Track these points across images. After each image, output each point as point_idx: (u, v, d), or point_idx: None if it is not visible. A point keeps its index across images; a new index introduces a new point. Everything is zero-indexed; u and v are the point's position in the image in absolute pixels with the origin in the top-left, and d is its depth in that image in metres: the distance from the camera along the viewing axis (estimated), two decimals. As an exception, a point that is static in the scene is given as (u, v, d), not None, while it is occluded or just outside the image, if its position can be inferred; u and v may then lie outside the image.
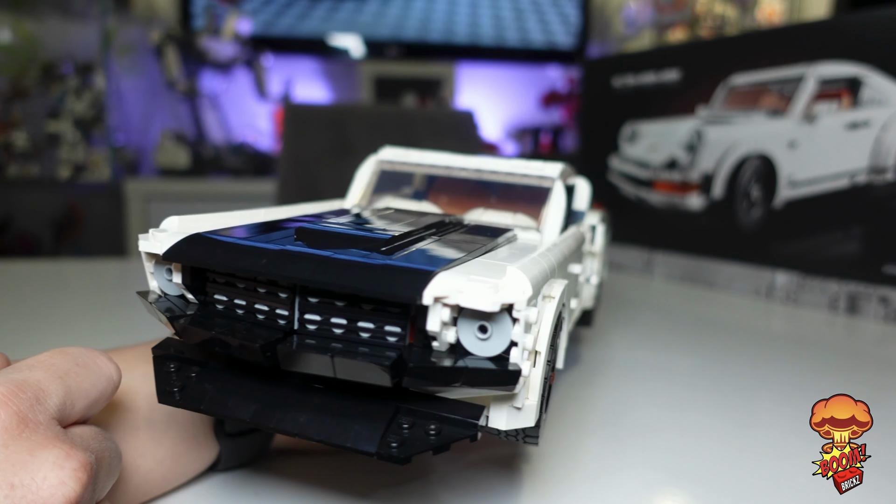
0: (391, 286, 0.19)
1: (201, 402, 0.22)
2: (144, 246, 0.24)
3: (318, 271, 0.20)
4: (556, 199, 0.33)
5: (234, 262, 0.21)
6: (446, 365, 0.19)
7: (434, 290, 0.19)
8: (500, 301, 0.19)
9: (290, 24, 2.08)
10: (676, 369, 0.46)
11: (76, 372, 0.21)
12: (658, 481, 0.30)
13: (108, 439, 0.21)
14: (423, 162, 0.36)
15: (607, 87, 0.84)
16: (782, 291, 0.66)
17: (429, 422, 0.20)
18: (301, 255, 0.21)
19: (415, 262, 0.21)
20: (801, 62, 0.64)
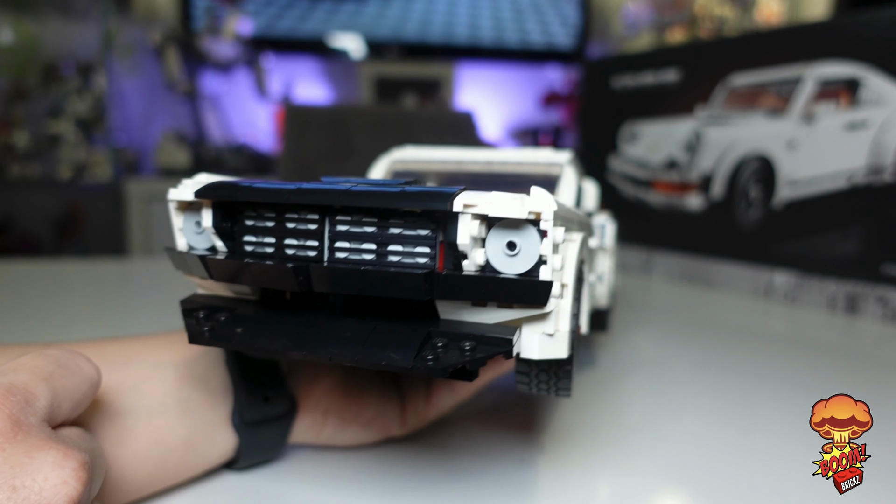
0: (421, 199, 0.20)
1: (231, 340, 0.22)
2: (174, 194, 0.24)
3: (346, 196, 0.20)
4: (566, 184, 0.33)
5: (264, 195, 0.21)
6: (477, 274, 0.20)
7: (463, 198, 0.19)
8: (528, 209, 0.19)
9: (291, 25, 2.08)
10: (675, 369, 0.46)
11: (59, 374, 0.21)
12: (657, 481, 0.30)
13: (93, 440, 0.22)
14: (434, 159, 0.35)
15: (607, 87, 0.84)
16: (781, 291, 0.66)
17: (463, 340, 0.20)
18: (329, 190, 0.21)
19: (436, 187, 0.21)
20: (800, 62, 0.64)
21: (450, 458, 0.31)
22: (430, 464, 0.31)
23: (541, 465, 0.31)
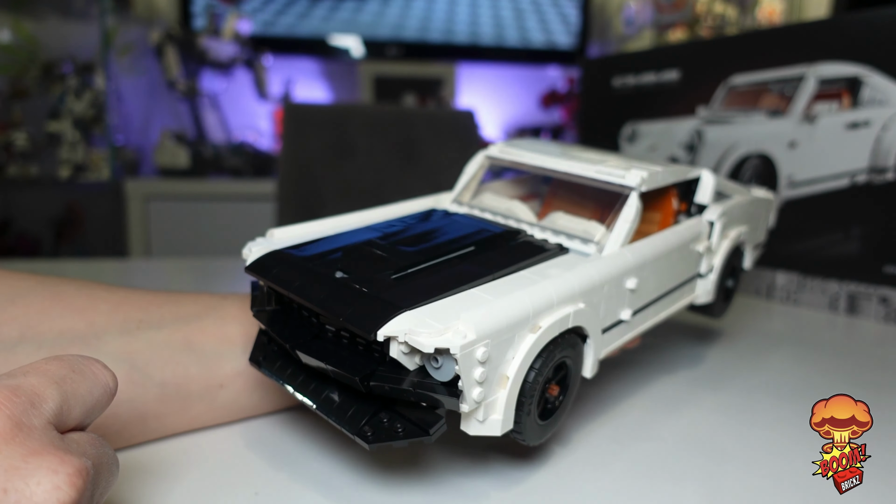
0: (358, 321, 0.24)
1: (271, 370, 0.30)
2: (245, 254, 0.31)
3: (321, 300, 0.26)
4: (626, 212, 0.33)
5: (278, 280, 0.28)
6: (400, 384, 0.24)
7: (386, 330, 0.24)
8: (434, 346, 0.23)
9: (291, 24, 2.08)
10: (675, 369, 0.46)
11: (72, 378, 0.21)
12: (657, 481, 0.30)
13: (104, 445, 0.22)
14: (522, 161, 0.38)
15: (607, 87, 0.84)
16: (782, 291, 0.66)
17: (398, 421, 0.26)
18: (323, 281, 0.27)
19: (397, 296, 0.26)
20: (801, 62, 0.64)
21: (451, 458, 0.31)
22: (431, 463, 0.31)
23: (541, 466, 0.31)
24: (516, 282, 0.28)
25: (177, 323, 0.33)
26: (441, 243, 0.31)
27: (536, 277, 0.28)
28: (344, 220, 0.35)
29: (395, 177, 1.19)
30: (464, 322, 0.24)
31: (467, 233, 0.33)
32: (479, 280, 0.28)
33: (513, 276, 0.29)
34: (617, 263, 0.31)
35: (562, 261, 0.31)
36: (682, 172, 0.39)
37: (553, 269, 0.30)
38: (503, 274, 0.29)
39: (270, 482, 0.29)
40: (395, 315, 0.24)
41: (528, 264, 0.30)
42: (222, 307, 0.35)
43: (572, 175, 0.35)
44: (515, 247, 0.32)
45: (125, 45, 1.89)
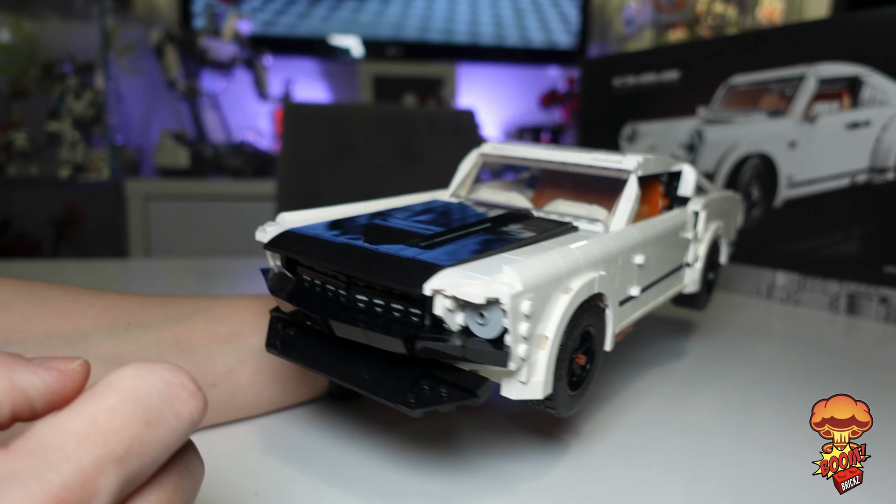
0: (401, 278, 0.24)
1: (292, 354, 0.29)
2: (259, 236, 0.30)
3: (357, 264, 0.26)
4: (627, 193, 0.35)
5: (304, 253, 0.28)
6: (447, 343, 0.24)
7: (433, 283, 0.23)
8: (484, 295, 0.23)
9: (291, 24, 2.08)
10: (675, 369, 0.46)
11: (144, 440, 0.16)
12: (657, 481, 0.30)
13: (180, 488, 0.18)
14: (515, 155, 0.39)
15: (607, 87, 0.84)
16: (783, 291, 0.66)
17: (441, 386, 0.25)
18: (351, 249, 0.27)
19: (436, 257, 0.25)
20: (801, 62, 0.64)
21: (460, 452, 0.31)
22: (434, 463, 0.31)
23: (540, 465, 0.31)
24: (541, 249, 0.29)
25: (166, 323, 0.33)
26: (457, 220, 0.32)
27: (558, 246, 0.29)
28: (351, 207, 0.35)
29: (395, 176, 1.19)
30: (508, 273, 0.23)
31: (479, 212, 0.34)
32: (505, 246, 0.28)
33: (534, 245, 0.29)
34: (627, 237, 0.33)
35: (576, 235, 0.32)
36: (668, 163, 0.40)
37: (570, 241, 0.30)
38: (525, 243, 0.29)
39: (270, 482, 0.29)
40: (437, 271, 0.24)
41: (546, 236, 0.31)
42: (211, 307, 0.35)
43: (569, 164, 0.37)
44: (530, 222, 0.33)
45: (125, 45, 1.89)
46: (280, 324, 0.31)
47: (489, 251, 0.27)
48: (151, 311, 0.33)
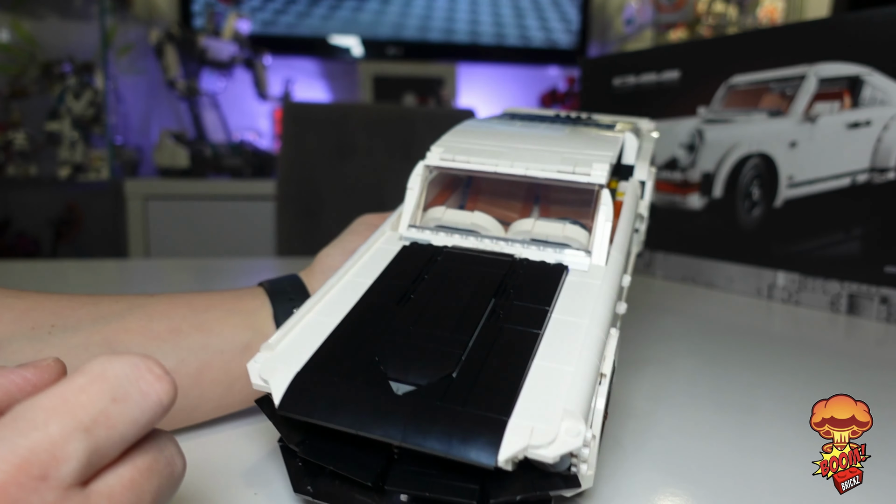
0: (473, 452, 0.22)
1: (332, 498, 0.25)
2: (256, 380, 0.26)
3: (406, 434, 0.23)
4: (603, 210, 0.33)
5: (336, 421, 0.24)
6: (521, 495, 0.23)
7: (506, 453, 0.22)
8: (560, 454, 0.22)
9: (290, 24, 2.08)
10: (676, 369, 0.46)
11: (110, 413, 0.17)
12: (657, 481, 0.30)
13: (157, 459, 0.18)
14: (468, 168, 0.35)
15: (607, 86, 0.84)
16: (783, 291, 0.66)
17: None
18: (389, 403, 0.24)
19: (484, 402, 0.23)
20: (801, 62, 0.64)
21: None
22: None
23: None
24: (561, 332, 0.27)
25: (96, 324, 0.31)
26: (461, 306, 0.29)
27: (572, 319, 0.28)
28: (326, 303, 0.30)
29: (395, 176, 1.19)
30: (571, 417, 0.23)
31: (473, 279, 0.30)
32: (531, 343, 0.26)
33: (551, 322, 0.28)
34: (617, 271, 0.31)
35: (574, 288, 0.30)
36: (616, 142, 0.37)
37: (575, 300, 0.29)
38: (543, 325, 0.28)
39: (270, 482, 0.29)
40: (503, 432, 0.22)
41: (555, 302, 0.29)
42: (147, 304, 0.32)
43: (533, 178, 0.34)
44: (531, 283, 0.30)
45: (125, 44, 1.89)
46: (299, 460, 0.26)
47: (523, 362, 0.25)
48: (79, 312, 0.31)
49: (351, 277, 0.31)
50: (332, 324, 0.28)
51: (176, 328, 0.32)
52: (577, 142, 0.37)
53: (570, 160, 0.34)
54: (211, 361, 0.32)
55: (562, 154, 0.34)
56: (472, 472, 0.24)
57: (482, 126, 0.40)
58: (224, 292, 0.36)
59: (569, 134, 0.39)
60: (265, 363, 0.26)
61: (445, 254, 0.33)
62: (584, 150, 0.35)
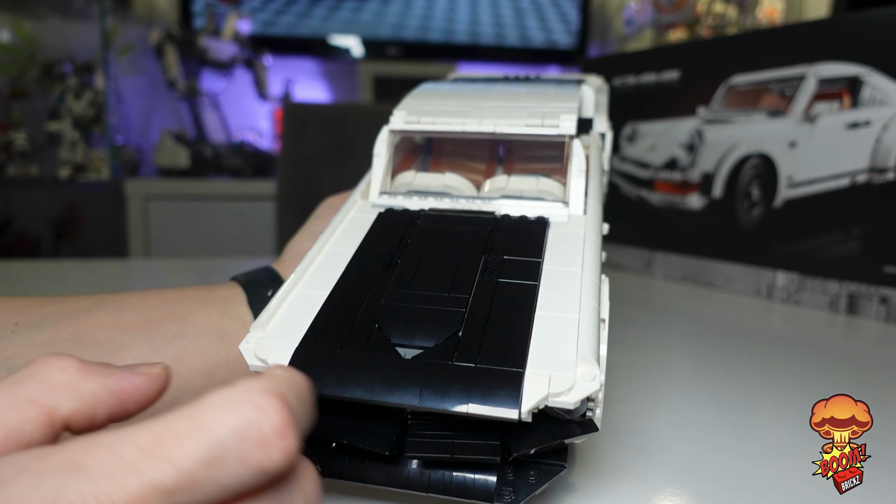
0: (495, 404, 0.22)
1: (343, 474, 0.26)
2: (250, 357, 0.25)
3: (424, 397, 0.22)
4: (576, 161, 0.32)
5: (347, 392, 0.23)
6: (543, 444, 0.23)
7: (528, 403, 0.22)
8: (580, 399, 0.22)
9: (291, 24, 2.08)
10: (676, 369, 0.46)
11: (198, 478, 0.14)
12: (657, 481, 0.30)
13: None
14: (435, 129, 0.35)
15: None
16: (783, 291, 0.66)
17: (524, 470, 0.25)
18: (403, 374, 0.23)
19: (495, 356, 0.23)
20: (801, 62, 0.64)
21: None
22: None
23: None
24: (556, 283, 0.27)
25: (62, 320, 0.30)
26: (453, 265, 0.28)
27: (564, 269, 0.28)
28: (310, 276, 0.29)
29: (394, 177, 1.19)
30: (585, 362, 0.23)
31: (459, 239, 0.30)
32: (531, 294, 0.26)
33: (545, 274, 0.28)
34: (598, 219, 0.32)
35: (559, 239, 0.30)
36: (576, 95, 0.37)
37: (563, 250, 0.29)
38: (538, 276, 0.28)
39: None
40: (522, 383, 0.22)
41: (542, 253, 0.29)
42: (116, 299, 0.32)
43: (502, 135, 0.33)
44: (517, 238, 0.30)
45: (125, 45, 1.89)
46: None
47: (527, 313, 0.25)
48: (43, 310, 0.30)
49: (330, 248, 0.31)
50: (321, 296, 0.27)
51: (147, 319, 0.31)
52: (538, 97, 0.36)
53: (537, 114, 0.33)
54: (187, 349, 0.31)
55: (528, 109, 0.34)
56: (487, 429, 0.24)
57: (441, 88, 0.40)
58: (195, 286, 0.35)
59: (527, 90, 0.38)
60: (259, 342, 0.25)
61: (425, 216, 0.32)
62: (549, 103, 0.35)
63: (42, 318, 0.30)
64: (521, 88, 0.39)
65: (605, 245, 0.33)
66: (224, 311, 0.33)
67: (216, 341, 0.32)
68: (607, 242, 0.83)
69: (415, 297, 0.26)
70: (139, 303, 0.31)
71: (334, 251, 0.30)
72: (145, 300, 0.32)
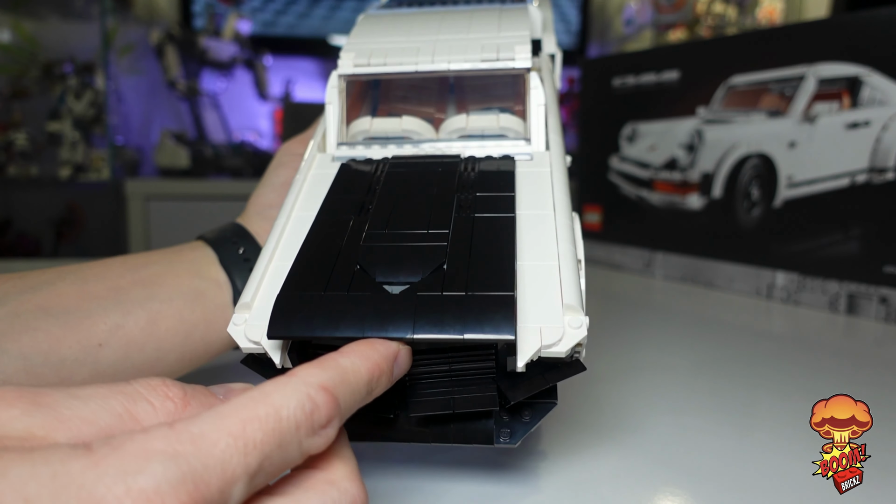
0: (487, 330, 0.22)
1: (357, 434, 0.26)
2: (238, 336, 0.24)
3: (418, 327, 0.22)
4: (535, 94, 0.32)
5: (340, 330, 0.22)
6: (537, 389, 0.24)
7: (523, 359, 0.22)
8: (570, 347, 0.23)
9: (291, 24, 2.08)
10: (676, 369, 0.46)
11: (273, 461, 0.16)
12: (657, 481, 0.30)
13: None
14: (387, 71, 0.33)
15: (607, 87, 0.84)
16: (782, 291, 0.66)
17: (517, 412, 0.26)
18: (394, 308, 0.22)
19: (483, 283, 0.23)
20: (801, 62, 0.64)
21: (450, 464, 0.31)
22: (434, 465, 0.31)
23: (541, 469, 0.31)
24: (531, 228, 0.27)
25: (24, 294, 0.29)
26: (426, 207, 0.28)
27: (537, 212, 0.28)
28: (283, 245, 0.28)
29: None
30: (571, 310, 0.23)
31: (428, 181, 0.29)
32: (510, 226, 0.26)
33: (520, 219, 0.28)
34: (561, 154, 0.31)
35: (527, 179, 0.30)
36: (526, 17, 0.36)
37: (532, 191, 0.29)
38: (514, 209, 0.28)
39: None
40: (514, 306, 0.22)
41: (514, 188, 0.29)
42: (79, 270, 0.31)
43: (457, 72, 0.33)
44: (486, 176, 0.30)
45: (125, 45, 1.89)
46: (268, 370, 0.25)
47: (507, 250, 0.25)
48: (3, 286, 0.29)
49: (298, 213, 0.30)
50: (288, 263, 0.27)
51: (114, 286, 0.30)
52: (487, 24, 0.36)
53: (490, 46, 0.33)
54: (161, 311, 0.31)
55: (479, 41, 0.33)
56: (483, 380, 0.25)
57: (384, 17, 0.39)
58: (160, 250, 0.35)
59: (474, 12, 0.38)
60: (248, 323, 0.24)
61: (391, 163, 0.31)
62: (501, 32, 0.34)
63: (3, 294, 0.29)
64: (466, 9, 0.38)
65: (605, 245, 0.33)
66: (195, 271, 0.33)
67: (190, 301, 0.32)
68: (608, 242, 0.83)
69: (394, 237, 0.26)
70: (102, 272, 0.31)
71: (301, 215, 0.29)
72: (109, 268, 0.31)
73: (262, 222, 0.37)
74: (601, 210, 0.85)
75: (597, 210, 0.86)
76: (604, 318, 0.59)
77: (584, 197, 0.88)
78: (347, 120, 0.34)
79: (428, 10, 0.40)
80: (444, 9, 0.40)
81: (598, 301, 0.66)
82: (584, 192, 0.88)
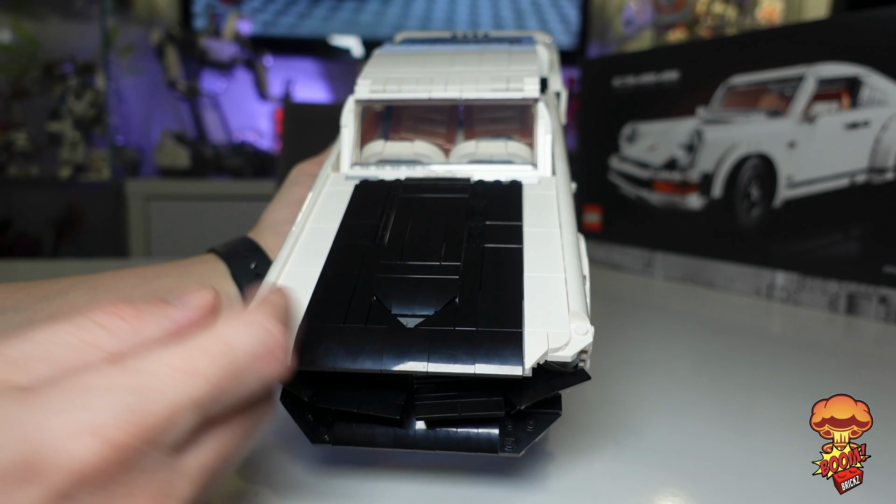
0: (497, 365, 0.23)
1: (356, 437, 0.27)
2: None
3: (431, 361, 0.23)
4: (542, 123, 0.33)
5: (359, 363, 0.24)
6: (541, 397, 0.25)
7: (530, 359, 0.23)
8: (575, 353, 0.23)
9: (291, 25, 2.08)
10: (676, 369, 0.46)
11: (226, 389, 0.17)
12: (657, 481, 0.30)
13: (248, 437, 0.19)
14: (402, 97, 0.35)
15: (607, 87, 0.84)
16: (782, 291, 0.66)
17: (521, 421, 0.26)
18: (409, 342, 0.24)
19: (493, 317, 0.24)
20: (800, 62, 0.64)
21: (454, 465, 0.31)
22: (434, 468, 0.31)
23: (540, 469, 0.31)
24: (538, 244, 0.28)
25: (38, 304, 0.29)
26: (440, 234, 0.29)
27: (544, 230, 0.29)
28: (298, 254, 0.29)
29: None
30: (577, 317, 0.24)
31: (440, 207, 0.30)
32: (518, 257, 0.27)
33: (527, 236, 0.29)
34: (567, 179, 0.32)
35: (534, 201, 0.31)
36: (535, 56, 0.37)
37: (539, 212, 0.30)
38: (521, 239, 0.29)
39: (270, 482, 0.29)
40: (522, 342, 0.23)
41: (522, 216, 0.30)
42: (91, 280, 0.31)
43: (469, 101, 0.34)
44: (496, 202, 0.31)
45: (126, 45, 1.89)
46: (309, 411, 0.26)
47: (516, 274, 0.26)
48: (18, 294, 0.30)
49: (312, 225, 0.31)
50: (312, 272, 0.27)
51: (126, 298, 0.30)
52: (497, 59, 0.37)
53: (500, 78, 0.34)
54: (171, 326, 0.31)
55: (490, 73, 0.34)
56: (489, 386, 0.25)
57: (399, 52, 0.40)
58: (172, 262, 0.35)
59: (485, 52, 0.39)
60: None
61: (404, 186, 0.32)
62: (511, 66, 0.35)
63: (17, 302, 0.29)
64: (477, 49, 0.39)
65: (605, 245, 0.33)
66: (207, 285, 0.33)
67: None
68: (608, 242, 0.83)
69: (408, 268, 0.27)
70: (114, 282, 0.31)
71: (315, 227, 0.30)
72: (121, 279, 0.31)
73: (275, 238, 0.37)
74: (601, 210, 0.85)
75: (597, 210, 0.86)
76: (604, 318, 0.59)
77: (584, 197, 0.88)
78: (361, 143, 0.36)
79: (440, 48, 0.41)
80: (456, 48, 0.41)
81: (598, 301, 0.66)
82: (584, 192, 0.88)
